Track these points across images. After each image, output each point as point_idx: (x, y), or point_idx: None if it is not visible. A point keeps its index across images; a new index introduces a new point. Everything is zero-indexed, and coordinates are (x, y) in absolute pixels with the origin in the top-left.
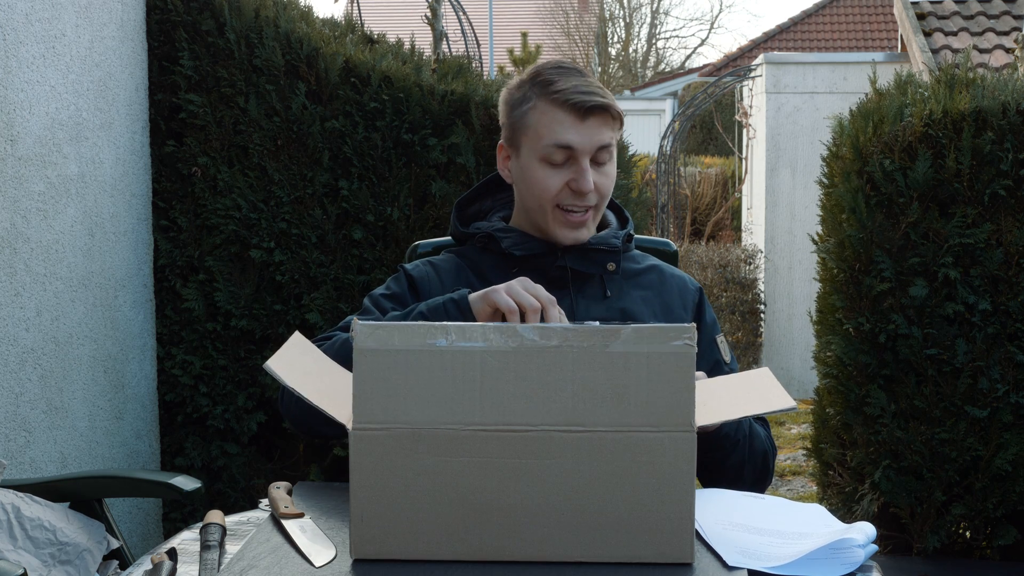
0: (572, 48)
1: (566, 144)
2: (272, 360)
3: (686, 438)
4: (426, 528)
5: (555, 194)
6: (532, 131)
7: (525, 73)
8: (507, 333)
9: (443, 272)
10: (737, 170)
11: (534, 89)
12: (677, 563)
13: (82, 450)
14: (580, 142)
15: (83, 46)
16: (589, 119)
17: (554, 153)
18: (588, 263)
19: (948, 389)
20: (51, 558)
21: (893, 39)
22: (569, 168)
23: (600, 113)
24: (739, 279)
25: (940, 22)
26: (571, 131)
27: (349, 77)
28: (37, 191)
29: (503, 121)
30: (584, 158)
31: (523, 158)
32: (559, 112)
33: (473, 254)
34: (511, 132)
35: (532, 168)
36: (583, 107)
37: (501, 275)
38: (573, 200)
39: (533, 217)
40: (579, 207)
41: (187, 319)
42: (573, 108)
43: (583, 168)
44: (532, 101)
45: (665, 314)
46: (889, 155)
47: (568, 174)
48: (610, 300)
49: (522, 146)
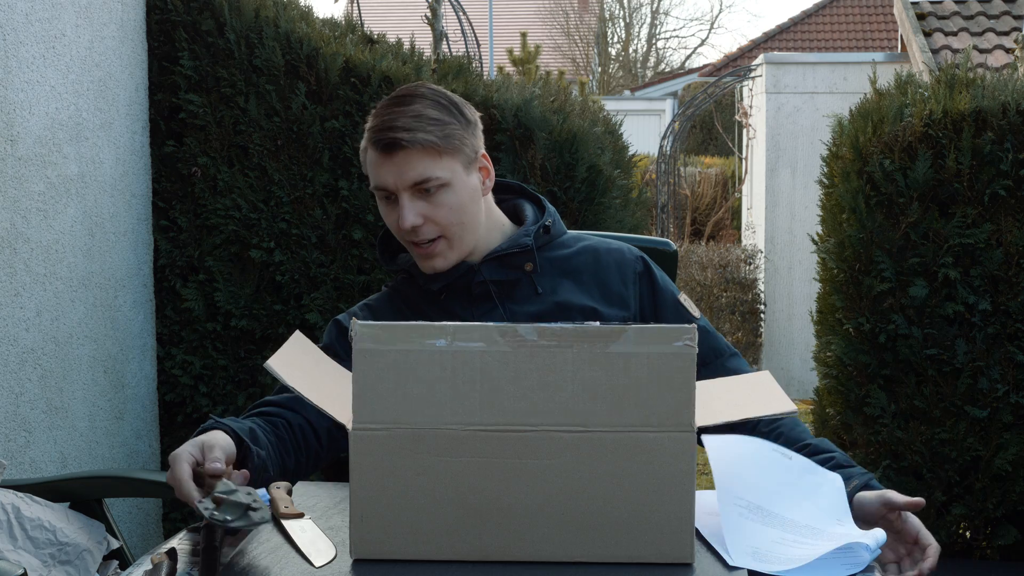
0: (572, 48)
1: (381, 184)
2: (272, 360)
3: (686, 438)
4: (426, 528)
5: (396, 230)
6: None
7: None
8: (507, 333)
9: (381, 314)
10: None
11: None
12: (677, 563)
13: (82, 450)
14: (391, 181)
15: (83, 46)
16: (396, 155)
17: (378, 192)
18: (505, 269)
19: (948, 389)
20: (51, 558)
21: (893, 39)
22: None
23: (405, 148)
24: (739, 279)
25: (940, 22)
26: (381, 169)
27: (349, 77)
28: (37, 191)
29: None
30: (402, 195)
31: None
32: (372, 152)
33: (403, 287)
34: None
35: (379, 207)
36: (381, 145)
37: (431, 305)
38: (411, 236)
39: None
40: (418, 241)
41: (187, 319)
42: (375, 146)
43: (401, 205)
44: (363, 142)
45: (602, 294)
46: (889, 155)
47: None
48: (543, 296)
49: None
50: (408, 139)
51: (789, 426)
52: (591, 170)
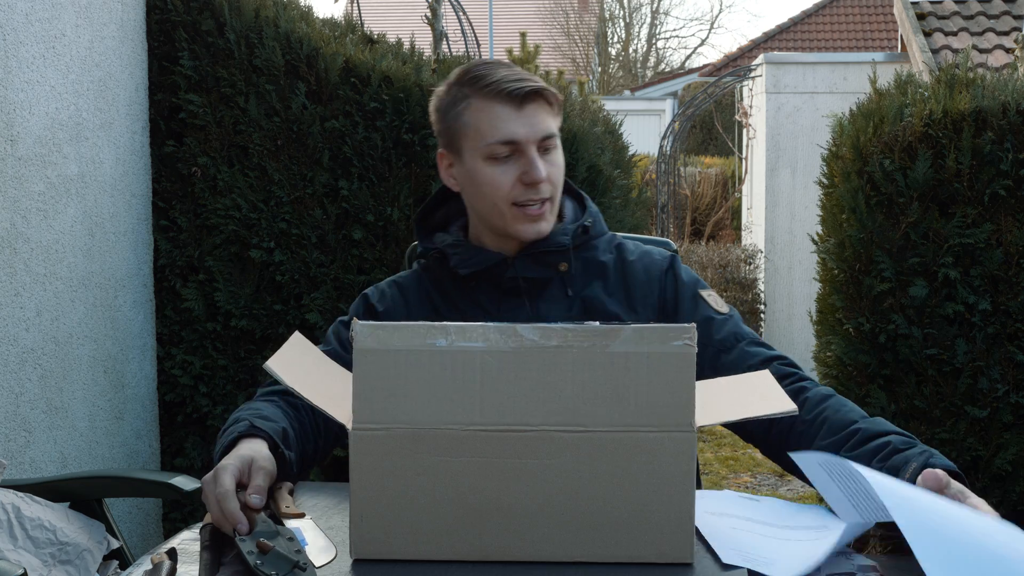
0: (572, 48)
1: (510, 136)
2: (272, 360)
3: (686, 438)
4: (426, 528)
5: (508, 191)
6: (472, 130)
7: (451, 76)
8: (507, 333)
9: (409, 292)
10: (737, 170)
11: (464, 88)
12: (677, 563)
13: (82, 450)
14: (523, 132)
15: (83, 46)
16: (527, 107)
17: (498, 148)
18: (539, 267)
19: (948, 389)
20: (51, 558)
21: (893, 39)
22: (516, 161)
23: (537, 99)
24: (739, 279)
25: (940, 22)
26: (512, 122)
27: (349, 77)
28: (37, 191)
29: (437, 129)
30: (530, 148)
31: (467, 161)
32: (496, 105)
33: (435, 268)
34: (449, 137)
35: (478, 169)
36: (519, 94)
37: (460, 291)
38: (527, 194)
39: (489, 220)
40: (534, 200)
41: (187, 319)
42: (509, 97)
43: (532, 158)
44: (466, 100)
45: (628, 300)
46: (889, 155)
47: (517, 168)
48: (572, 298)
49: (464, 149)
50: (542, 89)
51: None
52: (591, 170)
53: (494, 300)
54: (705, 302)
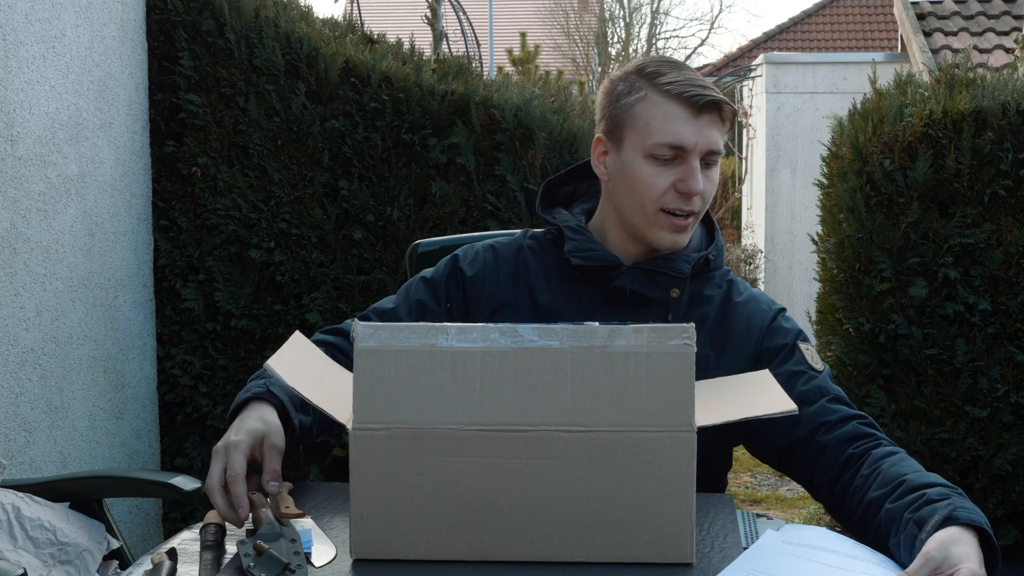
0: (572, 48)
1: (678, 141)
2: (272, 360)
3: (686, 438)
4: (426, 528)
5: (660, 194)
6: (641, 124)
7: (630, 64)
8: (507, 333)
9: (503, 262)
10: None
11: (643, 79)
12: (677, 563)
13: (82, 450)
14: (694, 140)
15: (83, 46)
16: (703, 116)
17: (663, 150)
18: (651, 286)
19: (948, 389)
20: (51, 558)
21: (893, 39)
22: (676, 167)
23: (714, 110)
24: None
25: (940, 22)
26: (685, 126)
27: (349, 77)
28: (37, 191)
29: (603, 113)
30: (695, 157)
31: (626, 153)
32: (672, 105)
33: (546, 245)
34: (612, 125)
35: (636, 165)
36: (699, 101)
37: (560, 277)
38: (678, 203)
39: (628, 218)
40: (683, 211)
41: (187, 319)
42: (688, 102)
43: (693, 167)
44: (642, 92)
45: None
46: (889, 155)
47: (675, 174)
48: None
49: (625, 140)
50: (722, 102)
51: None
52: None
53: (593, 301)
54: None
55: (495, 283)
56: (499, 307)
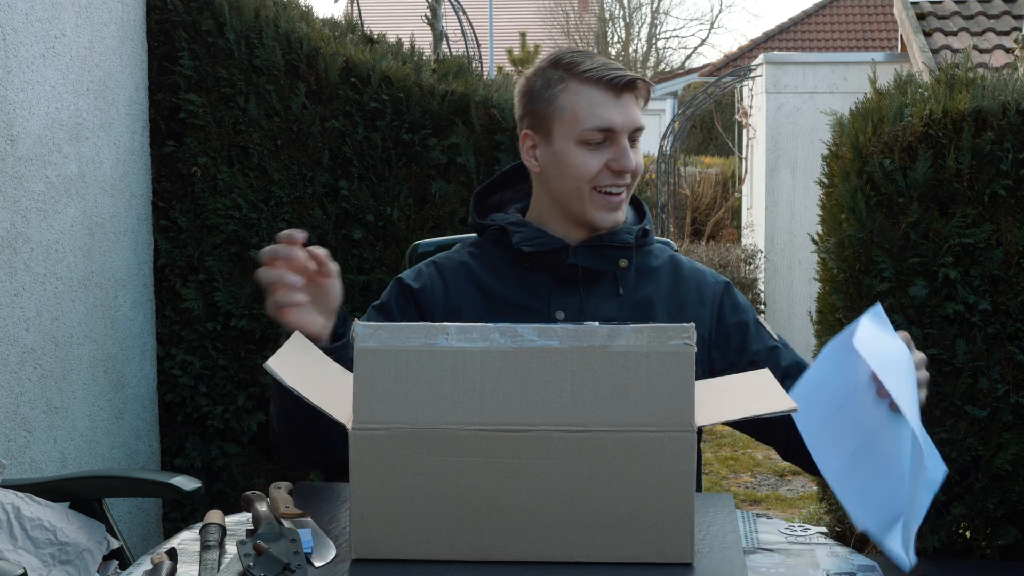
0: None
1: (607, 124)
2: (272, 360)
3: (686, 438)
4: (426, 528)
5: (594, 175)
6: (567, 113)
7: (543, 61)
8: (507, 333)
9: (448, 272)
10: (737, 170)
11: (561, 71)
12: (677, 563)
13: (82, 450)
14: (620, 120)
15: (83, 46)
16: (624, 96)
17: (594, 134)
18: (600, 260)
19: (948, 389)
20: (51, 558)
21: (893, 39)
22: (607, 148)
23: (633, 89)
24: (739, 279)
25: (940, 22)
26: (610, 109)
27: (349, 77)
28: (37, 191)
29: (525, 110)
30: (623, 136)
31: (556, 142)
32: (595, 91)
33: (487, 247)
34: (538, 118)
35: (568, 152)
36: (619, 83)
37: (512, 270)
38: (612, 180)
39: (566, 204)
40: (618, 186)
41: (187, 319)
42: (609, 85)
43: (624, 147)
44: (563, 83)
45: (679, 310)
46: (889, 155)
47: (607, 154)
48: (623, 297)
49: (554, 131)
50: (640, 79)
51: None
52: None
53: (546, 285)
54: (767, 329)
55: (444, 291)
56: (454, 311)
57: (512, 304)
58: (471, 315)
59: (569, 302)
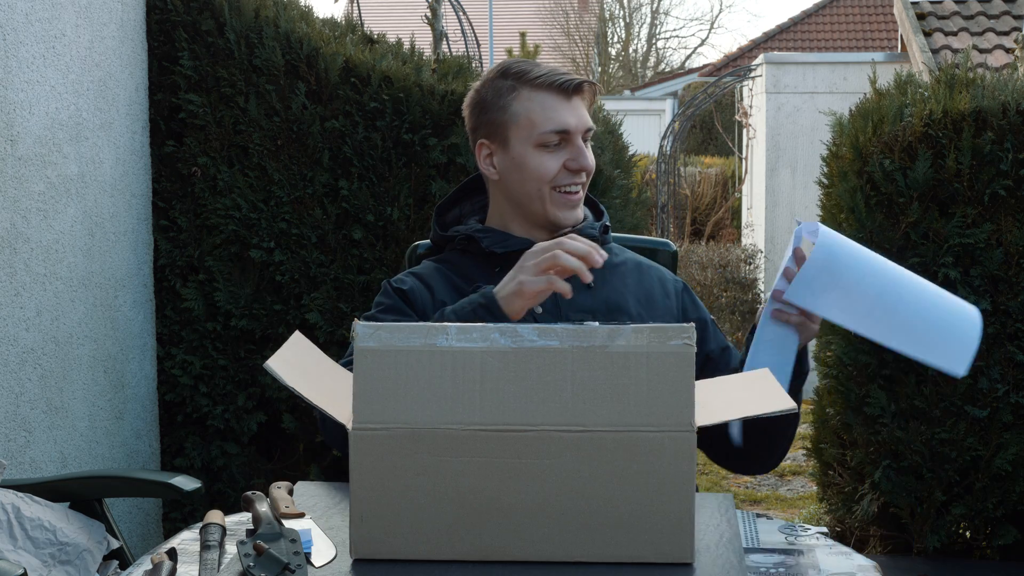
0: (572, 48)
1: (562, 126)
2: (272, 360)
3: (686, 438)
4: (426, 528)
5: (553, 176)
6: (523, 119)
7: (489, 73)
8: (507, 333)
9: (427, 279)
10: (737, 170)
11: (510, 81)
12: (677, 563)
13: (82, 450)
14: (574, 122)
15: (83, 46)
16: (574, 98)
17: (550, 137)
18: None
19: (948, 389)
20: (51, 558)
21: (893, 39)
22: (563, 150)
23: (582, 92)
24: (739, 279)
25: (940, 22)
26: (563, 112)
27: (349, 77)
28: (37, 191)
29: (478, 120)
30: (578, 137)
31: (514, 148)
32: (547, 96)
33: (454, 258)
34: (493, 128)
35: (527, 155)
36: (569, 86)
37: (484, 275)
38: (570, 179)
39: (527, 206)
40: (575, 184)
41: (187, 319)
42: (560, 89)
43: (580, 146)
44: (515, 91)
45: (648, 303)
46: (889, 155)
47: (563, 155)
48: (594, 291)
49: (510, 138)
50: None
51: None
52: None
53: None
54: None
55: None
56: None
57: None
58: None
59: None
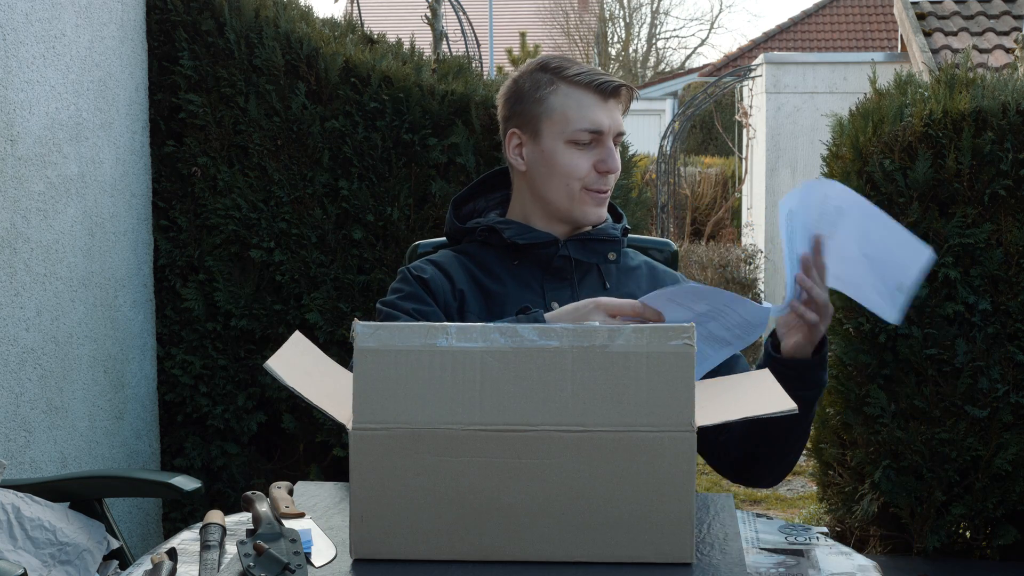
0: (572, 48)
1: (596, 126)
2: (272, 360)
3: (686, 438)
4: (426, 528)
5: (583, 175)
6: (558, 114)
7: (530, 64)
8: (507, 333)
9: (446, 268)
10: (737, 170)
11: (549, 75)
12: (677, 563)
13: (82, 450)
14: (607, 124)
15: (83, 46)
16: (610, 101)
17: (583, 135)
18: (589, 253)
19: (948, 389)
20: (51, 558)
21: (893, 39)
22: (593, 150)
23: (619, 95)
24: (739, 279)
25: (940, 22)
26: (599, 112)
27: (349, 77)
28: (37, 191)
29: (512, 109)
30: (609, 139)
31: (545, 142)
32: (585, 94)
33: (473, 250)
34: (526, 118)
35: (557, 151)
36: (607, 88)
37: (503, 268)
38: (598, 183)
39: (553, 201)
40: (604, 187)
41: (187, 319)
42: (598, 89)
43: (610, 148)
44: (553, 85)
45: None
46: (889, 155)
47: (593, 155)
48: (610, 291)
49: (543, 130)
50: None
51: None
52: None
53: (538, 279)
54: None
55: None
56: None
57: (507, 297)
58: (474, 304)
59: (561, 294)
